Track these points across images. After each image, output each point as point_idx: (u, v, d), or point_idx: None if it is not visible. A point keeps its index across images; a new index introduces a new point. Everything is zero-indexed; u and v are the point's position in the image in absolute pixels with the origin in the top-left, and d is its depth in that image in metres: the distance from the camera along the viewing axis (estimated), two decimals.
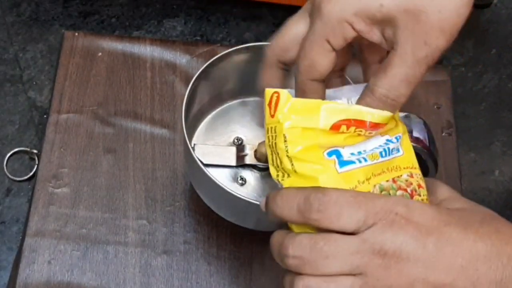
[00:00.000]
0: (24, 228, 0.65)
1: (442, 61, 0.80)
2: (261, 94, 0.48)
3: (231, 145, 0.63)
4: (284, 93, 0.44)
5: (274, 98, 0.45)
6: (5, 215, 0.68)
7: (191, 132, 0.62)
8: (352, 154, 0.45)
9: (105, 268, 0.63)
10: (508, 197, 0.74)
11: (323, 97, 0.48)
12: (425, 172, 0.60)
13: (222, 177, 0.61)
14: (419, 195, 0.46)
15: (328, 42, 0.45)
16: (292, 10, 0.74)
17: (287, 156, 0.44)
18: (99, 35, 0.75)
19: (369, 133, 0.45)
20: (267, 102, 0.45)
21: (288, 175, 0.45)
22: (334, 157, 0.44)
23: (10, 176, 0.70)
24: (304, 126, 0.44)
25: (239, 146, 0.63)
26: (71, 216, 0.65)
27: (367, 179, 0.44)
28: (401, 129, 0.48)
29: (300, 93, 0.48)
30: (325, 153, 0.44)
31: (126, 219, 0.65)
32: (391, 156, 0.46)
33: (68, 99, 0.71)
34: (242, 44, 0.60)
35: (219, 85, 0.63)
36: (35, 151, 0.69)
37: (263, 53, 0.53)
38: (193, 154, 0.55)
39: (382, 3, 0.43)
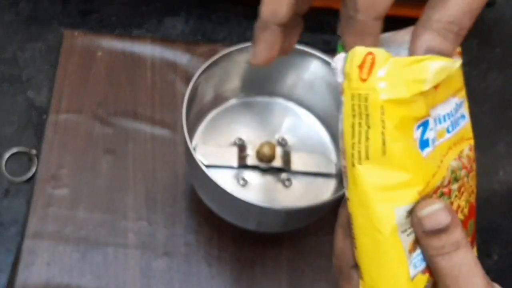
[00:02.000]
0: (23, 229, 0.64)
1: None
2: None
3: (232, 146, 0.63)
4: (382, 53, 0.36)
5: (369, 60, 0.37)
6: (4, 217, 0.68)
7: (191, 132, 0.62)
8: (436, 122, 0.39)
9: (104, 270, 0.63)
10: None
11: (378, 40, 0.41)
12: None
13: (223, 178, 0.61)
14: (473, 170, 0.42)
15: None
16: None
17: (382, 133, 0.36)
18: (99, 34, 0.75)
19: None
20: (355, 63, 0.37)
21: (367, 157, 0.37)
22: (419, 132, 0.37)
23: (8, 176, 0.69)
24: (405, 94, 0.36)
25: (241, 146, 0.62)
26: (70, 218, 0.65)
27: (441, 162, 0.39)
28: (463, 86, 0.42)
29: (358, 37, 0.41)
30: (415, 126, 0.37)
31: (126, 221, 0.65)
32: (458, 128, 0.41)
33: (67, 99, 0.70)
34: (243, 43, 0.60)
35: (220, 84, 0.63)
36: (34, 151, 0.69)
37: None
38: (194, 155, 0.55)
39: None
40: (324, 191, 0.61)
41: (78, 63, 0.72)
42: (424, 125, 0.38)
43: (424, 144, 0.38)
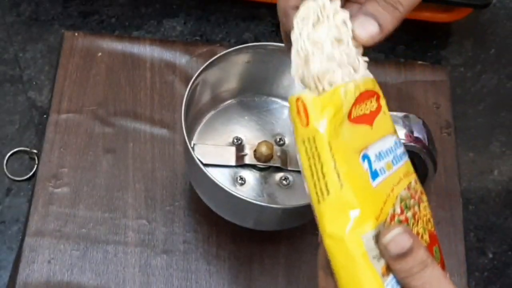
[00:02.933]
0: (24, 227, 0.65)
1: (441, 61, 0.80)
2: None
3: (230, 145, 0.63)
4: (308, 98, 0.40)
5: (301, 106, 0.40)
6: (5, 215, 0.68)
7: (190, 132, 0.62)
8: (378, 157, 0.41)
9: (104, 267, 0.63)
10: (507, 197, 0.74)
11: None
12: (424, 172, 0.60)
13: (221, 177, 0.61)
14: (423, 201, 0.45)
15: None
16: None
17: (335, 167, 0.39)
18: (99, 35, 0.75)
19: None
20: (294, 111, 0.40)
21: (328, 193, 0.39)
22: (366, 164, 0.40)
23: (10, 176, 0.70)
24: (338, 125, 0.40)
25: (239, 146, 0.63)
26: (71, 216, 0.65)
27: (391, 191, 0.41)
28: (395, 130, 0.46)
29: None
30: (360, 158, 0.40)
31: (126, 219, 0.66)
32: (402, 162, 0.44)
33: (68, 99, 0.71)
34: (241, 44, 0.60)
35: (219, 85, 0.63)
36: (35, 151, 0.69)
37: (264, 53, 0.53)
38: (193, 154, 0.55)
39: None
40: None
41: (79, 64, 0.72)
42: (367, 157, 0.41)
43: (375, 174, 0.41)
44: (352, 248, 0.38)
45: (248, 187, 0.61)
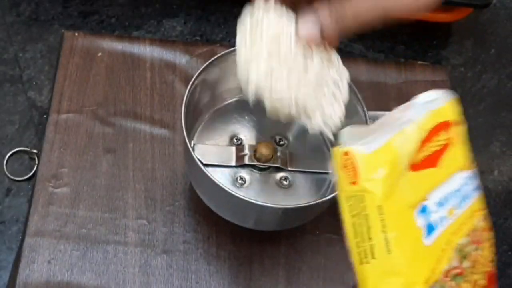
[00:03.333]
0: (24, 228, 0.65)
1: (441, 61, 0.80)
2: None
3: (230, 145, 0.63)
4: (359, 154, 0.37)
5: (349, 161, 0.37)
6: (5, 215, 0.68)
7: (190, 132, 0.62)
8: (439, 204, 0.38)
9: (104, 267, 0.63)
10: (507, 197, 0.74)
11: None
12: None
13: (221, 177, 0.61)
14: (486, 240, 0.41)
15: None
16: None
17: (383, 231, 0.36)
18: (99, 35, 0.75)
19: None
20: (340, 164, 0.37)
21: (373, 256, 0.37)
22: (422, 219, 0.37)
23: (10, 176, 0.70)
24: (393, 183, 0.36)
25: (239, 146, 0.63)
26: (71, 216, 0.65)
27: (446, 243, 0.38)
28: (467, 159, 0.41)
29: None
30: (415, 213, 0.37)
31: (126, 219, 0.66)
32: (470, 201, 0.40)
33: (68, 99, 0.71)
34: None
35: (219, 85, 0.63)
36: (35, 151, 0.69)
37: None
38: (193, 154, 0.55)
39: None
40: (321, 190, 0.62)
41: (79, 64, 0.72)
42: (425, 210, 0.38)
43: (430, 229, 0.38)
44: None
45: (248, 187, 0.61)
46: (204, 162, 0.59)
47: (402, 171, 0.37)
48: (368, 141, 0.38)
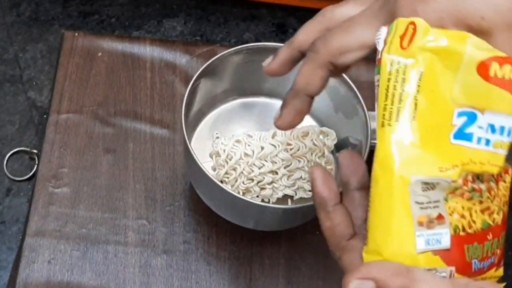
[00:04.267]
0: (24, 228, 0.65)
1: None
2: (290, 90, 0.46)
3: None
4: (422, 25, 0.37)
5: (410, 30, 0.37)
6: (5, 215, 0.68)
7: (190, 132, 0.62)
8: (491, 127, 0.37)
9: (105, 268, 0.63)
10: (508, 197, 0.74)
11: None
12: None
13: None
14: (504, 181, 0.41)
15: None
16: (291, 10, 0.74)
17: (414, 99, 0.37)
18: (99, 35, 0.75)
19: None
20: (399, 33, 0.38)
21: (397, 120, 0.37)
22: (461, 120, 0.37)
23: (10, 176, 0.70)
24: (443, 66, 0.37)
25: None
26: (71, 216, 0.65)
27: (474, 162, 0.38)
28: None
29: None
30: (456, 111, 0.37)
31: (126, 219, 0.66)
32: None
33: (68, 99, 0.71)
34: (241, 44, 0.60)
35: (219, 85, 0.63)
36: (35, 151, 0.69)
37: (264, 53, 0.53)
38: (193, 154, 0.55)
39: (483, 15, 0.38)
40: None
41: (79, 64, 0.72)
42: (469, 115, 0.37)
43: (461, 136, 0.37)
44: (396, 184, 0.37)
45: None
46: (204, 162, 0.59)
47: (467, 67, 0.37)
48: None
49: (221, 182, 0.57)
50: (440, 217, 0.37)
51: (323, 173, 0.42)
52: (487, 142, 0.38)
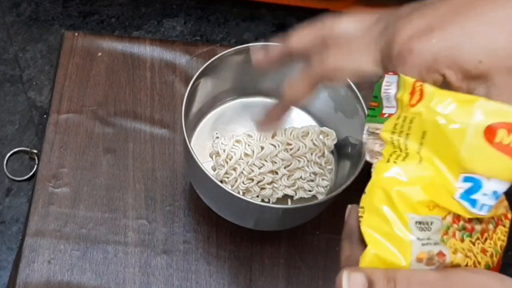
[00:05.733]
0: (24, 228, 0.65)
1: None
2: (279, 96, 0.49)
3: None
4: (429, 88, 0.37)
5: (418, 88, 0.37)
6: (5, 215, 0.68)
7: (190, 132, 0.62)
8: (495, 194, 0.37)
9: (105, 267, 0.63)
10: (508, 199, 0.74)
11: None
12: None
13: None
14: (504, 226, 0.41)
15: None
16: (291, 10, 0.74)
17: (418, 153, 0.38)
18: (99, 35, 0.75)
19: None
20: (409, 90, 0.38)
21: (405, 157, 0.38)
22: (466, 185, 0.37)
23: (10, 176, 0.70)
24: (452, 127, 0.36)
25: None
26: (71, 216, 0.65)
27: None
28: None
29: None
30: (461, 176, 0.37)
31: (126, 219, 0.66)
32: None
33: (68, 99, 0.71)
34: (241, 44, 0.60)
35: (219, 85, 0.63)
36: (35, 151, 0.69)
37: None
38: (193, 154, 0.55)
39: (481, 59, 0.38)
40: (320, 190, 0.62)
41: (79, 64, 0.72)
42: (474, 181, 0.37)
43: (466, 199, 0.37)
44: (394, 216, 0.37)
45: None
46: (204, 162, 0.59)
47: (474, 132, 0.36)
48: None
49: (221, 182, 0.57)
50: (440, 254, 0.37)
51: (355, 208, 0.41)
52: (490, 208, 0.37)
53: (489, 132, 0.36)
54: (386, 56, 0.40)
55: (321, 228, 0.66)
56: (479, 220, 0.39)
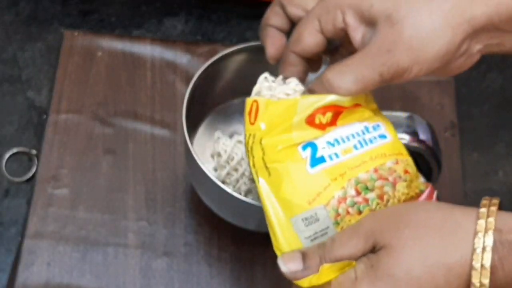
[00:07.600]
0: (23, 229, 0.64)
1: None
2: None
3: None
4: (263, 101, 0.47)
5: (254, 107, 0.48)
6: (4, 217, 0.68)
7: (191, 132, 0.62)
8: (329, 143, 0.47)
9: (104, 270, 0.63)
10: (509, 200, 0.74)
11: (300, 74, 0.51)
12: (428, 173, 0.60)
13: None
14: (404, 180, 0.47)
15: (319, 22, 0.48)
16: None
17: (263, 160, 0.47)
18: (99, 34, 0.75)
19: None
20: (247, 110, 0.48)
21: (258, 180, 0.48)
22: (308, 151, 0.46)
23: (8, 177, 0.69)
24: (282, 128, 0.47)
25: None
26: (70, 218, 0.65)
27: (341, 175, 0.46)
28: (381, 119, 0.50)
29: (282, 63, 0.51)
30: (299, 147, 0.46)
31: (126, 221, 0.65)
32: (374, 145, 0.47)
33: (67, 99, 0.70)
34: (243, 43, 0.60)
35: (220, 84, 0.63)
36: (34, 151, 0.69)
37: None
38: (194, 155, 0.55)
39: (373, 3, 0.45)
40: None
41: (78, 63, 0.72)
42: (312, 146, 0.47)
43: (316, 161, 0.46)
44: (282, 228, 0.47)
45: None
46: (205, 162, 0.59)
47: (298, 122, 0.47)
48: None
49: (223, 183, 0.56)
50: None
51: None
52: (336, 155, 0.47)
53: (310, 120, 0.47)
54: None
55: None
56: (369, 189, 0.46)
